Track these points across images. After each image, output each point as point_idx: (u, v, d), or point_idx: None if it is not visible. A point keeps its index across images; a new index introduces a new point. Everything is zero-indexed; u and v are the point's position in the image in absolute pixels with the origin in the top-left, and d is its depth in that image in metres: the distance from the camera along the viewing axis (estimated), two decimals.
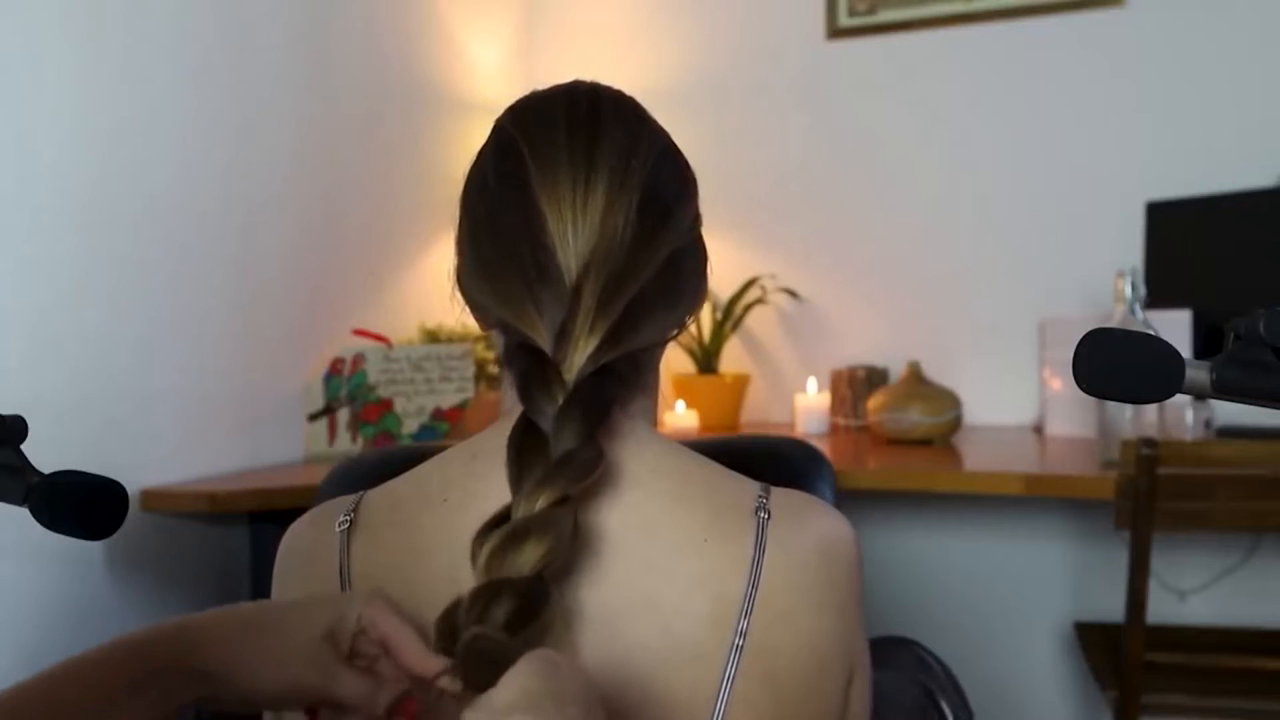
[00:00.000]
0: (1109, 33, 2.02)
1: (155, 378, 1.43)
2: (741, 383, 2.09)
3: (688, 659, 0.57)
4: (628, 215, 0.59)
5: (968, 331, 2.11)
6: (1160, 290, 1.77)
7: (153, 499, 1.39)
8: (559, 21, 2.42)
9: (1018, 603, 2.03)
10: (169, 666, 0.50)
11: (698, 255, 0.66)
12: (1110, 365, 0.52)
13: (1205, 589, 1.92)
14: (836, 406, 2.03)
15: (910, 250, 2.16)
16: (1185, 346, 1.70)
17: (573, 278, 0.58)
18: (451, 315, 0.68)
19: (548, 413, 0.55)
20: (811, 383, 2.04)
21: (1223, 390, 0.51)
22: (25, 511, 0.63)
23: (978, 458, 1.69)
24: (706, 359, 2.09)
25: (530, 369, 0.57)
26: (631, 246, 0.59)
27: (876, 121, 2.18)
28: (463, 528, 0.55)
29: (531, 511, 0.53)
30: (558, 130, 0.62)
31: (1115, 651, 1.50)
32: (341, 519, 0.64)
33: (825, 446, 1.76)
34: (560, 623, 0.56)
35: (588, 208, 0.59)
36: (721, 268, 0.75)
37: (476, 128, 2.14)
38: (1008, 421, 2.07)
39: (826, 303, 2.21)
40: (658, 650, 0.57)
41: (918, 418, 1.78)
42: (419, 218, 2.04)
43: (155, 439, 1.43)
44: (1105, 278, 1.79)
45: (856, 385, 2.02)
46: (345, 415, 1.73)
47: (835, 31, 2.20)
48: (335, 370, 1.72)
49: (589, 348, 0.56)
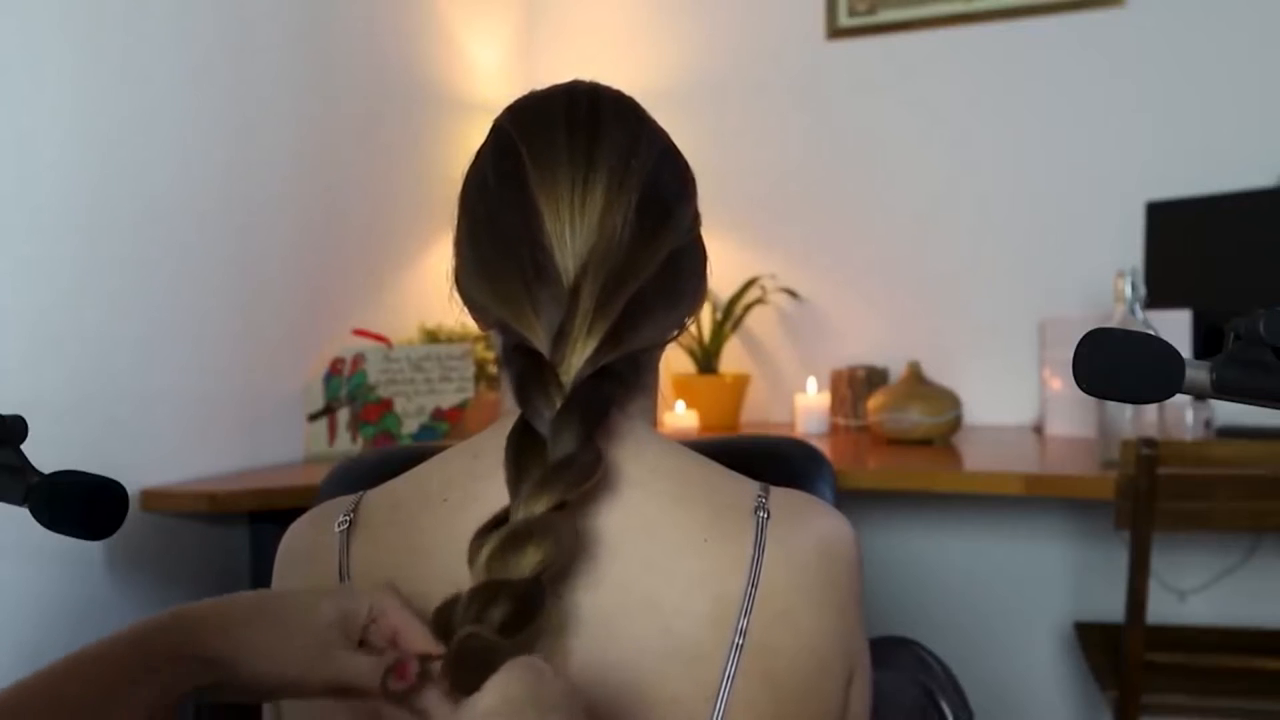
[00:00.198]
0: (1109, 33, 2.02)
1: (155, 378, 1.43)
2: (741, 383, 2.09)
3: (688, 659, 0.57)
4: (627, 215, 0.59)
5: (968, 331, 2.11)
6: (1160, 290, 1.77)
7: (153, 499, 1.39)
8: (559, 21, 2.42)
9: (1018, 603, 2.03)
10: (170, 656, 0.50)
11: (697, 256, 0.66)
12: (1110, 365, 0.52)
13: (1205, 589, 1.92)
14: (836, 406, 2.03)
15: (910, 250, 2.16)
16: (1185, 346, 1.70)
17: (570, 278, 0.57)
18: (451, 315, 0.68)
19: (545, 416, 0.55)
20: (811, 383, 2.04)
21: (1223, 390, 0.51)
22: (25, 511, 0.63)
23: (978, 458, 1.69)
24: (706, 359, 2.09)
25: (527, 371, 0.56)
26: (630, 246, 0.59)
27: (876, 121, 2.18)
28: (463, 528, 0.55)
29: (531, 515, 0.52)
30: (557, 130, 0.62)
31: (1115, 651, 1.50)
32: (341, 519, 0.64)
33: (825, 446, 1.76)
34: (557, 625, 0.56)
35: (586, 207, 0.59)
36: (721, 268, 0.75)
37: (476, 128, 2.13)
38: (1008, 421, 2.07)
39: (826, 303, 2.21)
40: (658, 650, 0.57)
41: (918, 418, 1.78)
42: (419, 218, 2.04)
43: (155, 439, 1.43)
44: (1105, 278, 1.79)
45: (856, 385, 2.02)
46: (345, 415, 1.73)
47: (835, 31, 2.20)
48: (335, 370, 1.72)
49: (587, 349, 0.56)
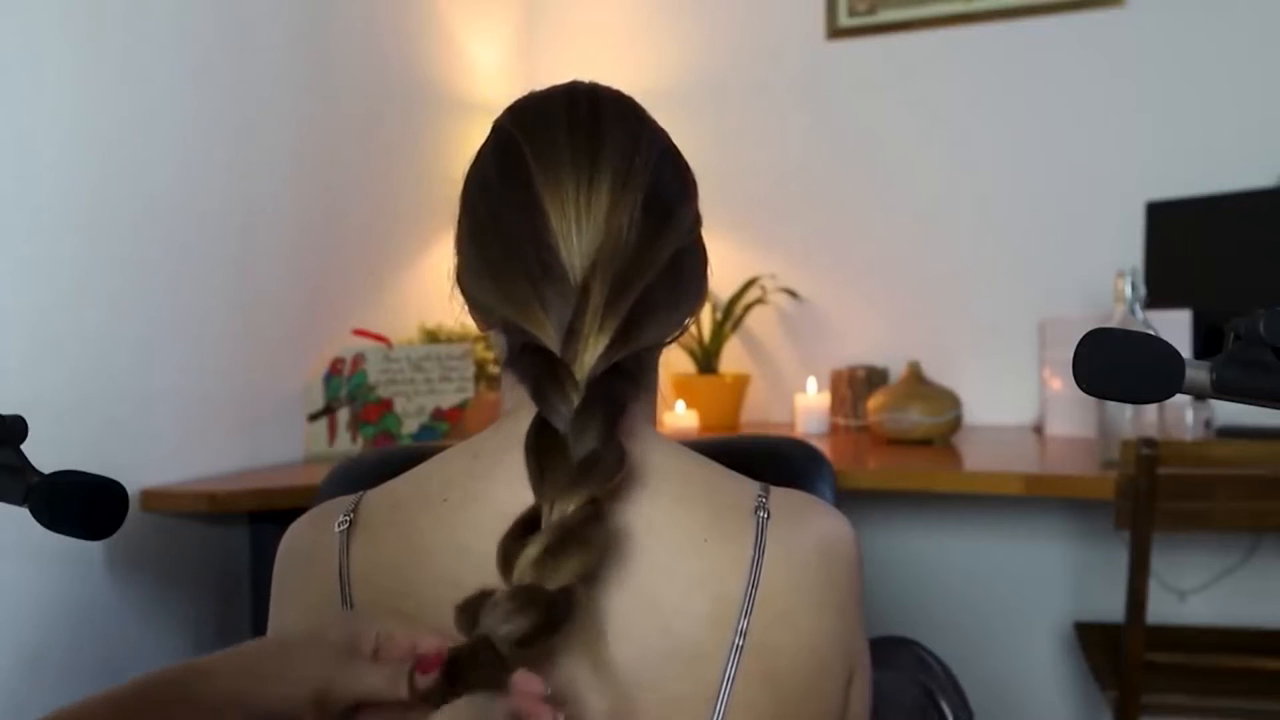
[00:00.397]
0: (1109, 33, 2.02)
1: (155, 378, 1.43)
2: (741, 383, 2.09)
3: (688, 659, 0.57)
4: (632, 214, 0.59)
5: (968, 331, 2.11)
6: (1160, 290, 1.77)
7: (153, 499, 1.39)
8: (559, 21, 2.42)
9: (1018, 603, 2.03)
10: (174, 701, 0.49)
11: (698, 256, 0.66)
12: (1110, 365, 0.52)
13: (1205, 589, 1.92)
14: (836, 406, 2.03)
15: (910, 250, 2.16)
16: (1185, 346, 1.70)
17: (578, 276, 0.57)
18: (451, 315, 0.68)
19: (563, 413, 0.55)
20: (811, 383, 2.04)
21: (1223, 390, 0.51)
22: (25, 511, 0.63)
23: (978, 458, 1.69)
24: (706, 359, 2.09)
25: (542, 370, 0.56)
26: (637, 246, 0.59)
27: (876, 121, 2.18)
28: (463, 528, 0.54)
29: (565, 514, 0.52)
30: (559, 130, 0.62)
31: (1115, 651, 1.50)
32: (341, 519, 0.63)
33: (825, 446, 1.76)
34: (578, 630, 0.56)
35: (591, 207, 0.59)
36: (721, 268, 0.75)
37: (476, 128, 2.13)
38: (1008, 421, 2.07)
39: (826, 303, 2.21)
40: (658, 650, 0.57)
41: (918, 418, 1.78)
42: (419, 218, 2.04)
43: (155, 439, 1.43)
44: (1105, 278, 1.79)
45: (856, 385, 2.02)
46: (345, 415, 1.73)
47: (835, 31, 2.20)
48: (335, 370, 1.72)
49: (599, 346, 0.56)
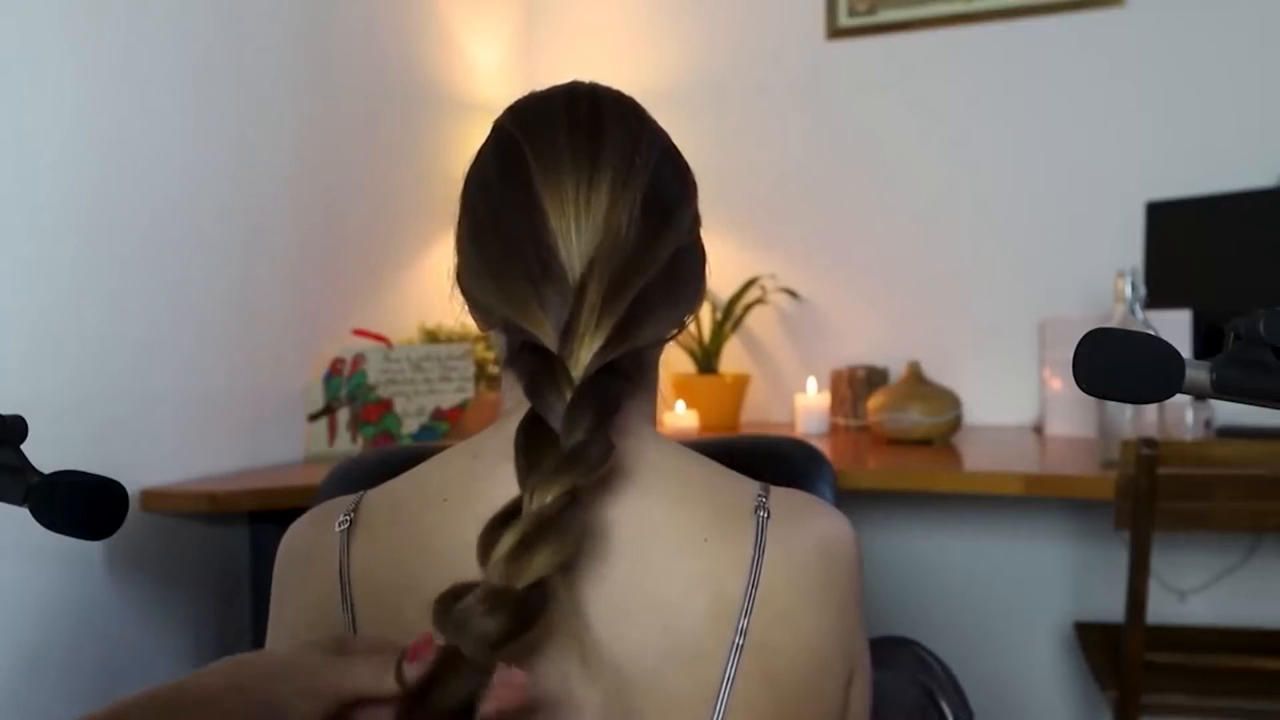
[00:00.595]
0: (1109, 33, 2.02)
1: (155, 378, 1.43)
2: (741, 383, 2.09)
3: (688, 658, 0.57)
4: (631, 213, 0.59)
5: (968, 331, 2.11)
6: (1160, 290, 1.77)
7: (153, 499, 1.39)
8: (559, 21, 2.42)
9: (1018, 603, 2.03)
10: None
11: (698, 256, 0.66)
12: (1110, 365, 0.52)
13: (1205, 589, 1.92)
14: (836, 406, 2.03)
15: (910, 250, 2.16)
16: (1185, 346, 1.70)
17: (576, 275, 0.57)
18: (451, 315, 0.68)
19: (557, 409, 0.55)
20: (811, 383, 2.04)
21: (1223, 390, 0.51)
22: (25, 511, 0.63)
23: (978, 458, 1.69)
24: (706, 359, 2.09)
25: (538, 367, 0.56)
26: (635, 244, 0.59)
27: (876, 121, 2.18)
28: (463, 527, 0.54)
29: (544, 503, 0.52)
30: (559, 130, 0.62)
31: (1115, 651, 1.50)
32: (341, 519, 0.63)
33: (825, 446, 1.76)
34: (562, 622, 0.56)
35: (591, 206, 0.59)
36: (721, 268, 0.75)
37: (476, 128, 2.13)
38: (1008, 421, 2.07)
39: (826, 303, 2.21)
40: (658, 650, 0.57)
41: (918, 418, 1.78)
42: (419, 218, 2.04)
43: (155, 439, 1.43)
44: (1105, 278, 1.79)
45: (856, 385, 2.02)
46: (345, 415, 1.73)
47: (835, 31, 2.20)
48: (335, 370, 1.72)
49: (595, 344, 0.56)
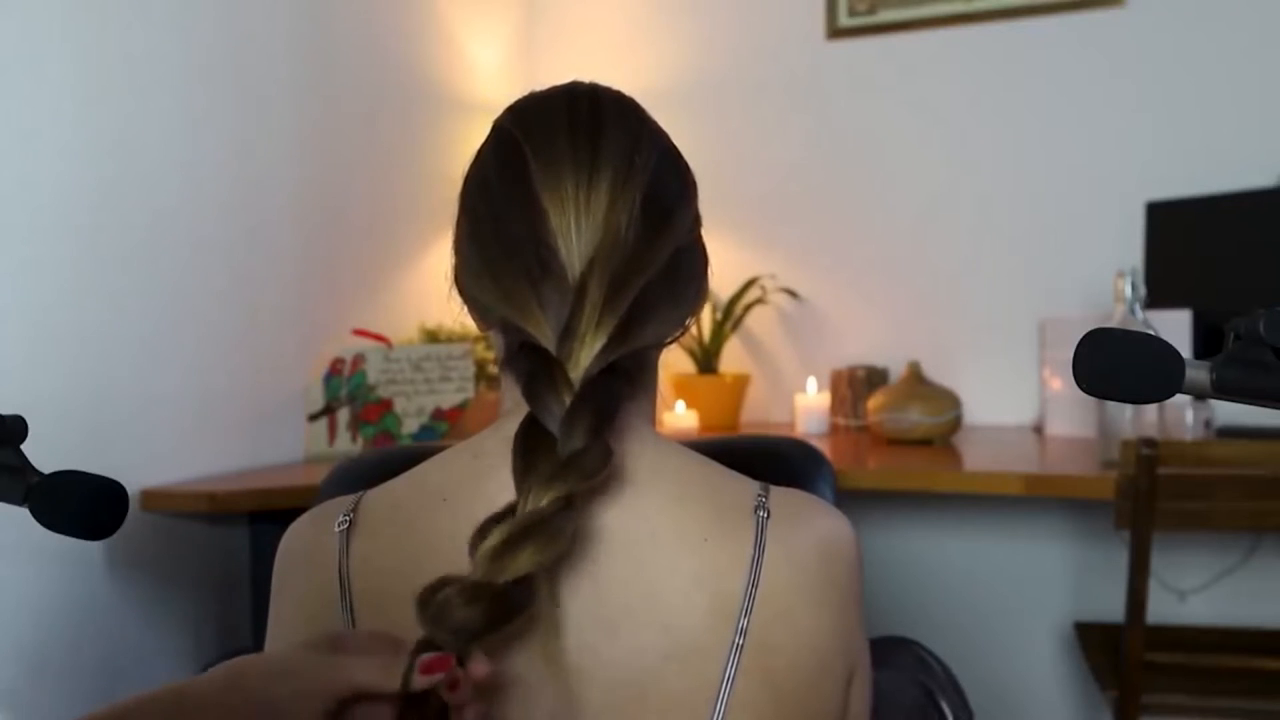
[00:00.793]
0: (1109, 33, 2.02)
1: (156, 378, 1.43)
2: (741, 383, 2.09)
3: (688, 657, 0.57)
4: (632, 212, 0.59)
5: (968, 331, 2.11)
6: (1160, 290, 1.77)
7: (153, 499, 1.39)
8: (559, 21, 2.42)
9: (1018, 603, 2.03)
10: None
11: (698, 256, 0.66)
12: (1110, 365, 0.52)
13: (1205, 589, 1.92)
14: (836, 406, 2.03)
15: (910, 250, 2.15)
16: (1185, 346, 1.70)
17: (576, 274, 0.57)
18: (451, 315, 0.67)
19: (555, 413, 0.55)
20: (811, 383, 2.04)
21: (1223, 390, 0.51)
22: (25, 511, 0.63)
23: (978, 458, 1.69)
24: (706, 359, 2.09)
25: (536, 369, 0.56)
26: (636, 244, 0.59)
27: (876, 121, 2.18)
28: (463, 528, 0.54)
29: (538, 507, 0.52)
30: (559, 130, 0.62)
31: (1115, 651, 1.50)
32: (341, 519, 0.63)
33: (825, 446, 1.76)
34: (550, 625, 0.56)
35: (591, 205, 0.59)
36: (721, 268, 0.75)
37: (476, 128, 2.13)
38: (1008, 421, 2.07)
39: (826, 303, 2.21)
40: (658, 649, 0.57)
41: (918, 418, 1.78)
42: (419, 218, 2.04)
43: (155, 439, 1.43)
44: (1105, 278, 1.79)
45: (856, 385, 2.02)
46: (345, 415, 1.73)
47: (835, 31, 2.20)
48: (335, 370, 1.72)
49: (595, 346, 0.55)
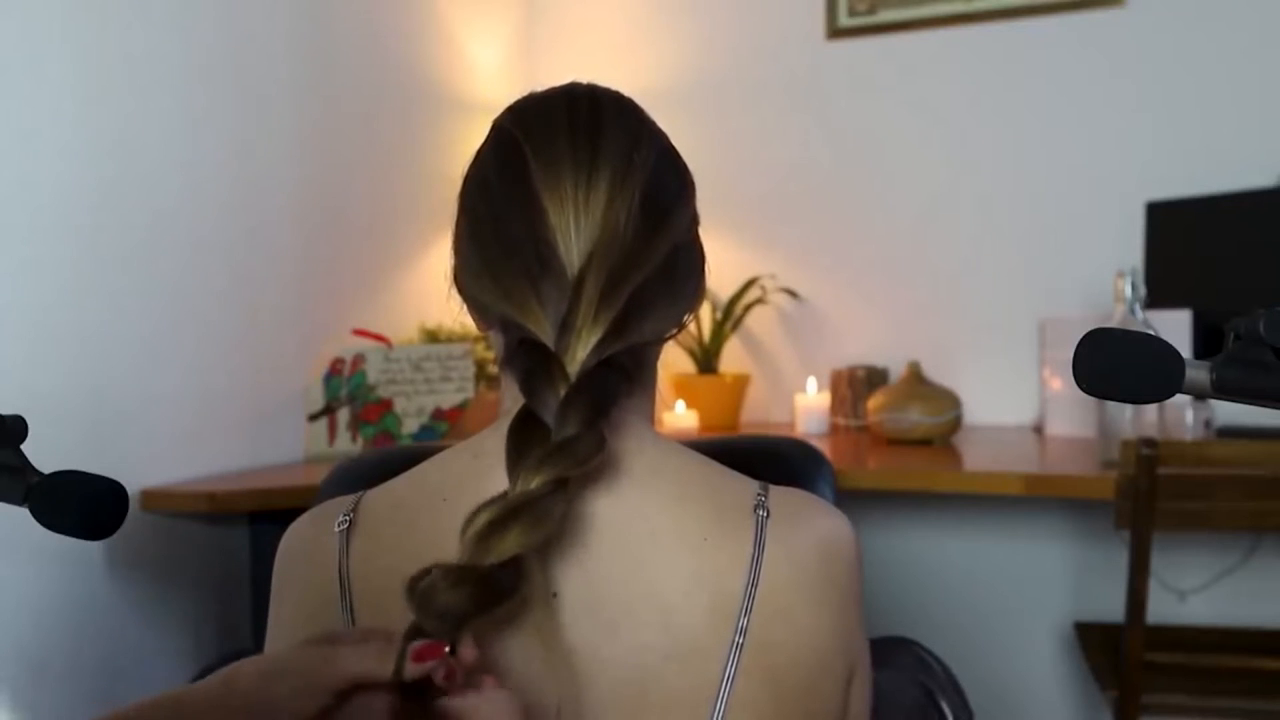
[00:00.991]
0: (1109, 33, 2.02)
1: (156, 377, 1.43)
2: (741, 383, 2.09)
3: (688, 657, 0.57)
4: (630, 209, 0.59)
5: (968, 331, 2.11)
6: (1160, 290, 1.77)
7: (153, 499, 1.39)
8: (559, 21, 2.42)
9: (1018, 603, 2.03)
10: None
11: (696, 255, 0.67)
12: (1110, 365, 0.52)
13: (1205, 589, 1.92)
14: (836, 406, 2.03)
15: (910, 250, 2.15)
16: (1185, 346, 1.70)
17: (575, 270, 0.58)
18: (451, 315, 0.68)
19: (550, 405, 0.55)
20: (811, 383, 2.04)
21: (1223, 390, 0.51)
22: (25, 511, 0.63)
23: (978, 458, 1.69)
24: (706, 359, 2.09)
25: (533, 363, 0.56)
26: (633, 241, 0.59)
27: (876, 121, 2.18)
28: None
29: (527, 489, 0.52)
30: (559, 129, 0.62)
31: (1115, 651, 1.50)
32: (341, 519, 0.63)
33: (825, 446, 1.76)
34: (544, 616, 0.56)
35: (590, 203, 0.59)
36: (721, 268, 0.75)
37: (476, 128, 2.13)
38: (1008, 421, 2.07)
39: (826, 303, 2.21)
40: (658, 648, 0.57)
41: (918, 418, 1.78)
42: (419, 218, 2.04)
43: (155, 439, 1.43)
44: (1105, 278, 1.78)
45: (856, 385, 2.02)
46: (345, 415, 1.73)
47: (835, 31, 2.20)
48: (335, 370, 1.72)
49: (592, 340, 0.56)
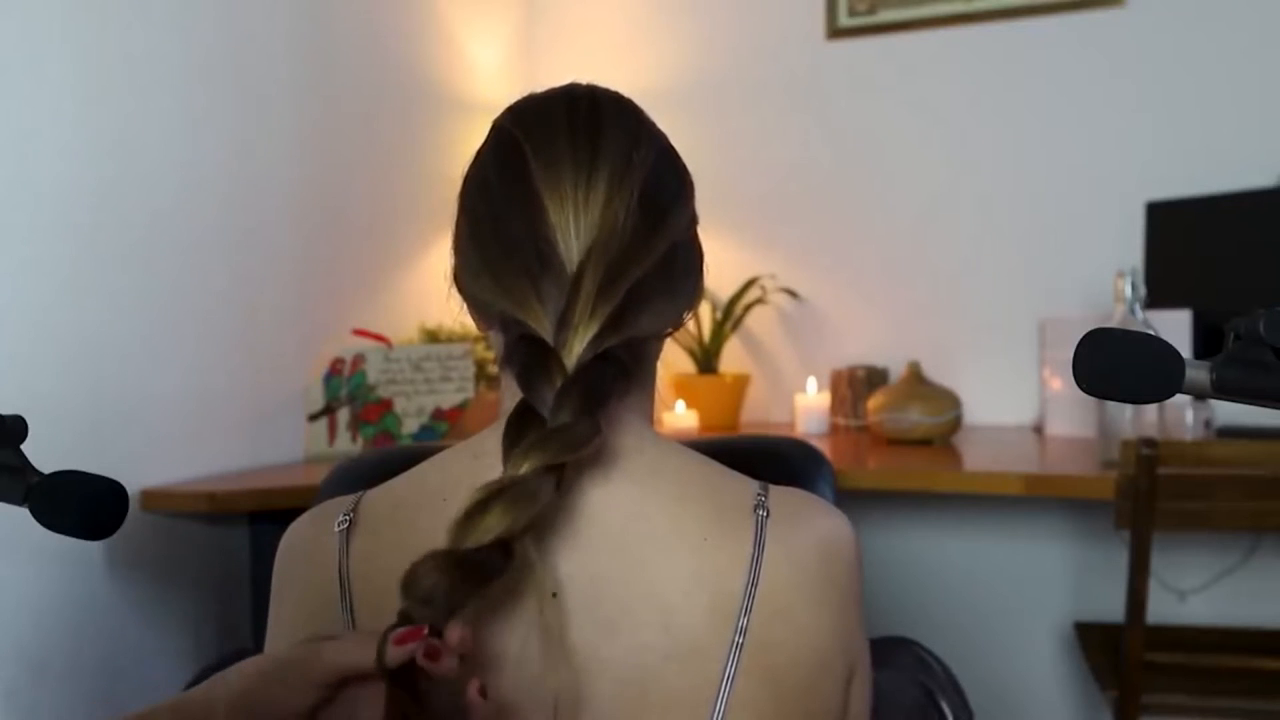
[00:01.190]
0: (1109, 33, 2.02)
1: (155, 378, 1.43)
2: (741, 383, 2.09)
3: (688, 657, 0.57)
4: (629, 208, 0.60)
5: (968, 331, 2.11)
6: (1160, 290, 1.77)
7: (153, 499, 1.39)
8: (559, 21, 2.42)
9: (1018, 603, 2.03)
10: None
11: (695, 254, 0.67)
12: (1110, 365, 0.52)
13: (1205, 589, 1.92)
14: (836, 406, 2.03)
15: (910, 250, 2.15)
16: (1185, 346, 1.70)
17: (574, 267, 0.58)
18: (451, 315, 0.68)
19: (546, 398, 0.55)
20: (811, 383, 2.04)
21: (1223, 390, 0.51)
22: (25, 511, 0.63)
23: (978, 458, 1.69)
24: (706, 359, 2.09)
25: (531, 358, 0.57)
26: (632, 237, 0.59)
27: (876, 121, 2.18)
28: None
29: (515, 474, 0.52)
30: (559, 129, 0.62)
31: (1115, 651, 1.50)
32: (341, 519, 0.64)
33: (825, 446, 1.76)
34: (550, 609, 0.56)
35: (589, 201, 0.59)
36: (721, 268, 0.75)
37: (476, 128, 2.13)
38: (1008, 421, 2.07)
39: (826, 303, 2.21)
40: (658, 648, 0.57)
41: (918, 418, 1.78)
42: (419, 218, 2.04)
43: (155, 439, 1.43)
44: (1105, 278, 1.79)
45: (856, 385, 2.02)
46: (345, 415, 1.73)
47: (835, 31, 2.20)
48: (335, 370, 1.72)
49: (589, 333, 0.56)
